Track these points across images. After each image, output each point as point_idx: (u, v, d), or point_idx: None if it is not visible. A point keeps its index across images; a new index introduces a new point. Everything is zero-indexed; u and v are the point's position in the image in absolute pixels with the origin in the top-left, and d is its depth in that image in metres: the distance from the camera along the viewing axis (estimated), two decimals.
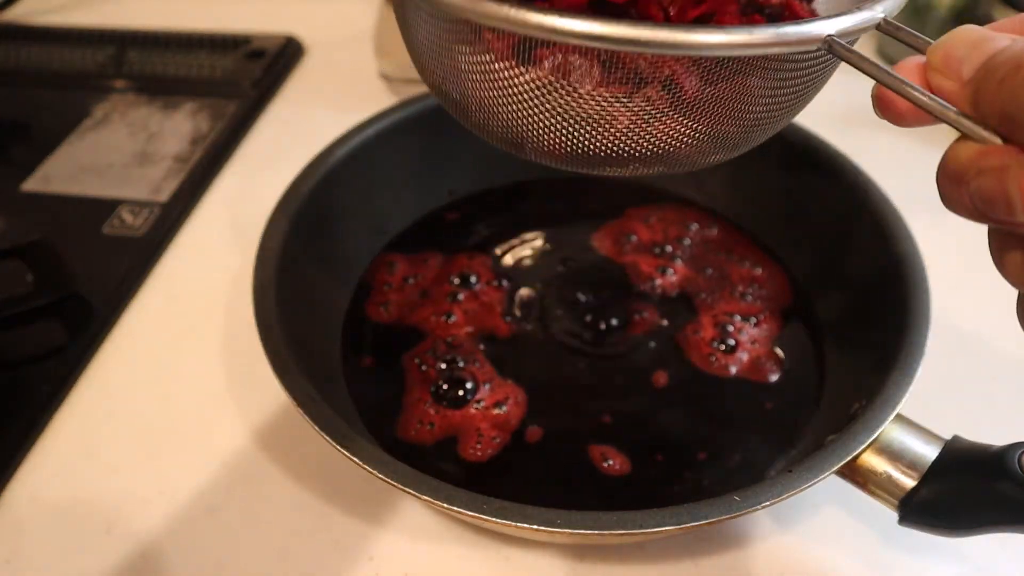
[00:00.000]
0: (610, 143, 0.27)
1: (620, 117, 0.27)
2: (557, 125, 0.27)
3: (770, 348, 0.44)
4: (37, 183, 0.58)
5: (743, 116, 0.28)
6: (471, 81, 0.28)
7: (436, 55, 0.29)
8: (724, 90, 0.26)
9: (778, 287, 0.47)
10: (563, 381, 0.43)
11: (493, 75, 0.27)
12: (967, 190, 0.21)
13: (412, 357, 0.44)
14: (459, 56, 0.27)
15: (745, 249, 0.49)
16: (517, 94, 0.27)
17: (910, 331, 0.36)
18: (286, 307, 0.39)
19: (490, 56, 0.26)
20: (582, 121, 0.27)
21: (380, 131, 0.48)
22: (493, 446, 0.40)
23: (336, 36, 0.74)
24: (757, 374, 0.43)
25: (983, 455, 0.31)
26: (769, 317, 0.45)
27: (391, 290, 0.47)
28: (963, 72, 0.21)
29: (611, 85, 0.26)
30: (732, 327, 0.44)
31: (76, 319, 0.48)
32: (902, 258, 0.40)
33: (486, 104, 0.28)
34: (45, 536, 0.39)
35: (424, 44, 0.29)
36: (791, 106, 0.29)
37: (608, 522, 0.30)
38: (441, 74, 0.29)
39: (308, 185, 0.44)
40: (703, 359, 0.43)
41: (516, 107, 0.27)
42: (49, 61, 0.71)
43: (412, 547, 0.38)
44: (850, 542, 0.38)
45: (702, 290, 0.47)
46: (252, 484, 0.40)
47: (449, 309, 0.46)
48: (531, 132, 0.28)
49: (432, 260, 0.49)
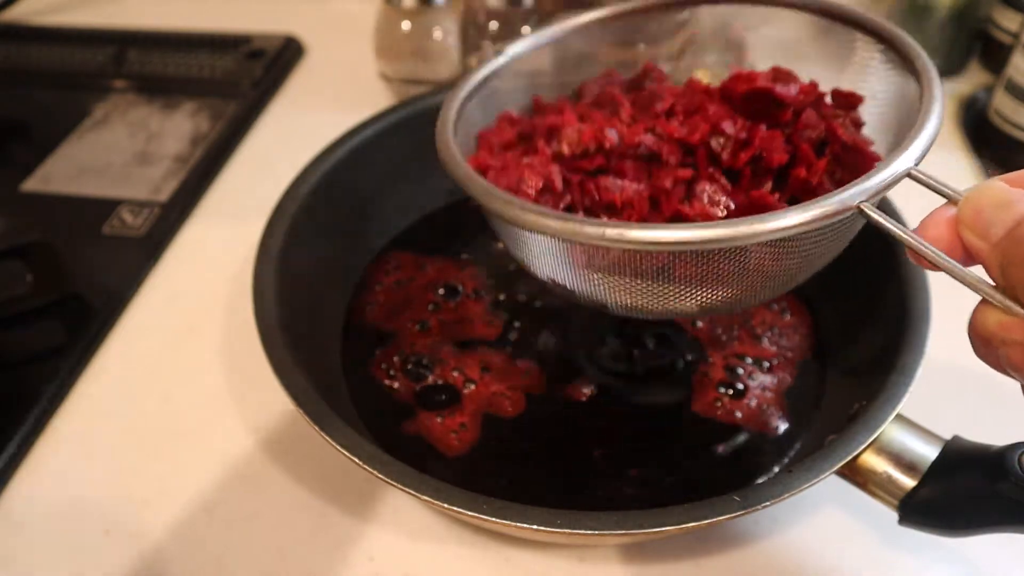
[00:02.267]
0: (676, 306, 0.31)
1: (684, 290, 0.30)
2: (633, 299, 0.31)
3: (780, 397, 0.41)
4: (37, 183, 0.58)
5: (788, 267, 0.30)
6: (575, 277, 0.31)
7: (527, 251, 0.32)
8: (774, 254, 0.29)
9: (801, 337, 0.44)
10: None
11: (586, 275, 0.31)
12: (995, 352, 0.22)
13: (379, 362, 0.43)
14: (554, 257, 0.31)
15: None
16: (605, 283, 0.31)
17: (910, 331, 0.36)
18: (286, 307, 0.39)
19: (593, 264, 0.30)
20: (654, 293, 0.30)
21: (380, 131, 0.48)
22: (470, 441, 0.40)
23: (336, 36, 0.74)
24: (759, 423, 0.40)
25: (983, 455, 0.31)
26: (784, 365, 0.43)
27: (382, 289, 0.47)
28: (991, 234, 0.22)
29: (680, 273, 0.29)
30: (742, 370, 0.42)
31: (76, 319, 0.48)
32: (902, 258, 0.40)
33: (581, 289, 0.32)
34: (45, 536, 0.39)
35: (505, 233, 0.33)
36: (832, 249, 0.32)
37: (608, 522, 0.30)
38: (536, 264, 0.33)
39: (308, 185, 0.44)
40: (708, 405, 0.41)
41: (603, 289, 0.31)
42: (49, 61, 0.71)
43: (412, 547, 0.38)
44: (850, 542, 0.38)
45: (719, 326, 0.44)
46: (252, 484, 0.40)
47: (427, 318, 0.45)
48: (613, 301, 0.32)
49: (428, 265, 0.49)
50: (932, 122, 0.28)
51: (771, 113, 0.33)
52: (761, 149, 0.32)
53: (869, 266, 0.42)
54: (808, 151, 0.32)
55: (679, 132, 0.33)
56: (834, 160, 0.32)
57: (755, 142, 0.32)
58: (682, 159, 0.33)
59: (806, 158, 0.32)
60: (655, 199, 0.32)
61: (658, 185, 0.32)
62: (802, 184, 0.32)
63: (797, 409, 0.41)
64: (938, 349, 0.37)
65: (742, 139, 0.33)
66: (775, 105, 0.33)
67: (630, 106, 0.35)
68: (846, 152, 0.32)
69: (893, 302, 0.39)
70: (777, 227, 0.26)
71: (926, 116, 0.29)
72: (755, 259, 0.28)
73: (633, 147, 0.33)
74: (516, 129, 0.35)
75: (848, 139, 0.32)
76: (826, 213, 0.26)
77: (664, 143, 0.33)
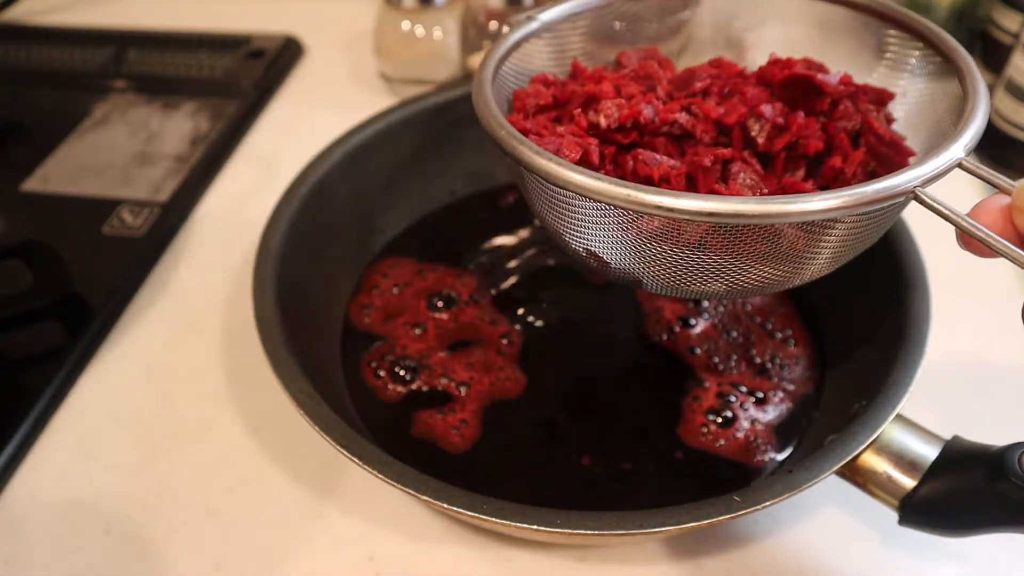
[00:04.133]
0: (706, 286, 0.31)
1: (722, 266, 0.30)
2: (671, 274, 0.31)
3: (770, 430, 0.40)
4: (37, 183, 0.58)
5: (829, 250, 0.30)
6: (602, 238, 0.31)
7: (560, 214, 0.31)
8: (815, 236, 0.29)
9: (804, 369, 0.43)
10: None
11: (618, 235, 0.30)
12: None
13: (378, 362, 0.43)
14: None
15: (786, 320, 0.45)
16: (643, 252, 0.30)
17: (910, 331, 0.36)
18: (286, 307, 0.39)
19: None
20: (693, 271, 0.30)
21: (380, 131, 0.48)
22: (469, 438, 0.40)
23: (336, 36, 0.74)
24: (746, 455, 0.39)
25: (983, 455, 0.31)
26: (781, 398, 0.41)
27: (381, 290, 0.47)
28: None
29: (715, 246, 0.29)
30: (735, 398, 0.41)
31: (76, 319, 0.48)
32: (902, 258, 0.40)
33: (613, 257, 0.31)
34: (45, 536, 0.39)
35: (543, 199, 0.32)
36: (870, 236, 0.31)
37: (608, 522, 0.30)
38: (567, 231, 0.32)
39: (308, 185, 0.44)
40: (694, 431, 0.40)
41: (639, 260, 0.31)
42: (49, 61, 0.71)
43: (412, 547, 0.38)
44: (850, 542, 0.38)
45: (715, 353, 0.43)
46: (252, 484, 0.40)
47: (425, 321, 0.45)
48: (649, 277, 0.32)
49: (427, 271, 0.48)
50: (981, 111, 0.29)
51: (807, 101, 0.33)
52: (798, 136, 0.32)
53: (869, 266, 0.42)
54: (845, 141, 0.32)
55: (716, 112, 0.32)
56: (869, 152, 0.32)
57: (792, 128, 0.32)
58: (716, 140, 0.33)
59: (842, 148, 0.32)
60: (691, 177, 0.31)
61: (697, 162, 0.31)
62: (836, 174, 0.32)
63: (788, 443, 0.40)
64: (938, 349, 0.37)
65: (779, 124, 0.32)
66: (814, 93, 0.33)
67: (667, 83, 0.35)
68: (881, 145, 0.32)
69: (893, 303, 0.39)
70: (833, 206, 0.26)
71: (974, 107, 0.29)
72: (790, 241, 0.28)
73: (667, 124, 0.32)
74: (552, 91, 0.35)
75: (884, 132, 0.32)
76: (881, 195, 0.26)
77: (699, 122, 0.32)
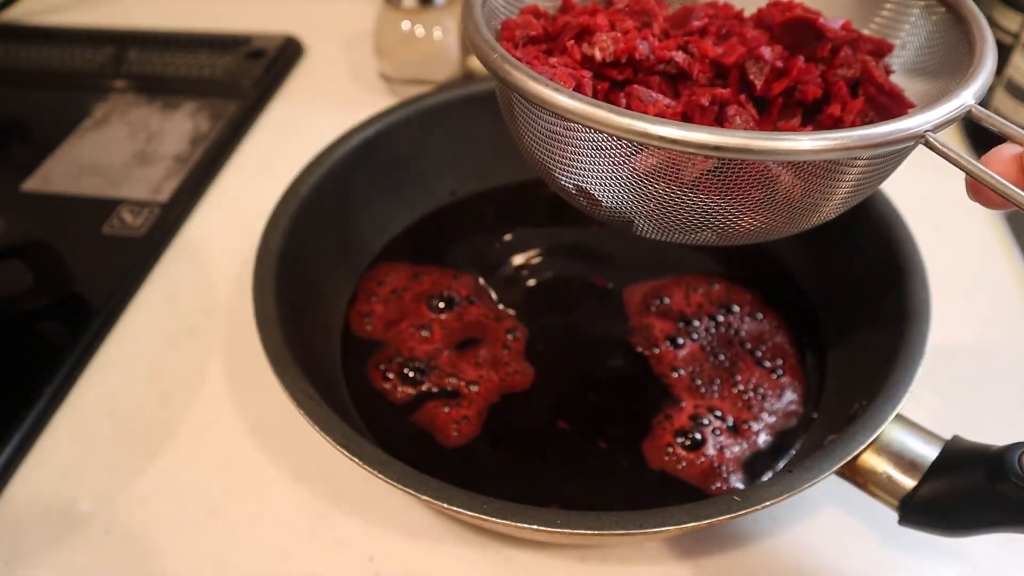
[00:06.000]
0: (704, 228, 0.30)
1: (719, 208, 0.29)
2: (666, 215, 0.30)
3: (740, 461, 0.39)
4: (37, 183, 0.58)
5: (829, 198, 0.29)
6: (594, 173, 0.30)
7: (550, 149, 0.30)
8: (816, 181, 0.28)
9: (789, 403, 0.41)
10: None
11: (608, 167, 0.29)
12: None
13: (378, 362, 0.43)
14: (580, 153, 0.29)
15: (779, 351, 0.43)
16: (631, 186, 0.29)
17: (910, 331, 0.36)
18: (286, 307, 0.39)
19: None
20: (687, 211, 0.29)
21: (380, 131, 0.48)
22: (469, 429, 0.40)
23: (336, 36, 0.74)
24: (704, 480, 0.38)
25: (983, 455, 0.31)
26: (761, 429, 0.40)
27: (377, 300, 0.47)
28: None
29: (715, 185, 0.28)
30: (708, 422, 0.40)
31: (76, 319, 0.48)
32: (902, 258, 0.40)
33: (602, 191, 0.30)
34: (45, 536, 0.39)
35: (534, 131, 0.31)
36: (872, 183, 0.30)
37: (608, 522, 0.30)
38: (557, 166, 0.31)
39: (308, 185, 0.44)
40: (659, 449, 0.39)
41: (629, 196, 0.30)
42: (49, 61, 0.71)
43: (412, 547, 0.38)
44: (850, 542, 0.38)
45: (699, 376, 0.42)
46: (252, 484, 0.40)
47: (428, 322, 0.45)
48: (640, 216, 0.31)
49: (424, 274, 0.48)
50: (989, 58, 0.28)
51: (807, 46, 0.32)
52: (797, 81, 0.31)
53: (870, 266, 0.42)
54: (844, 89, 0.31)
55: (714, 52, 0.31)
56: (868, 102, 0.31)
57: (792, 72, 0.31)
58: (711, 81, 0.32)
59: (841, 96, 0.31)
60: (687, 116, 0.30)
61: (694, 101, 0.30)
62: (834, 123, 0.31)
63: (754, 476, 0.38)
64: (938, 349, 0.37)
65: (779, 68, 0.31)
66: (814, 37, 0.32)
67: (663, 20, 0.34)
68: (880, 94, 0.31)
69: (893, 303, 0.39)
70: (844, 144, 0.25)
71: (983, 54, 0.29)
72: (788, 186, 0.28)
73: (663, 62, 0.31)
74: (542, 23, 0.34)
75: (884, 82, 0.31)
76: (894, 136, 0.25)
77: (696, 62, 0.31)
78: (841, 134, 0.25)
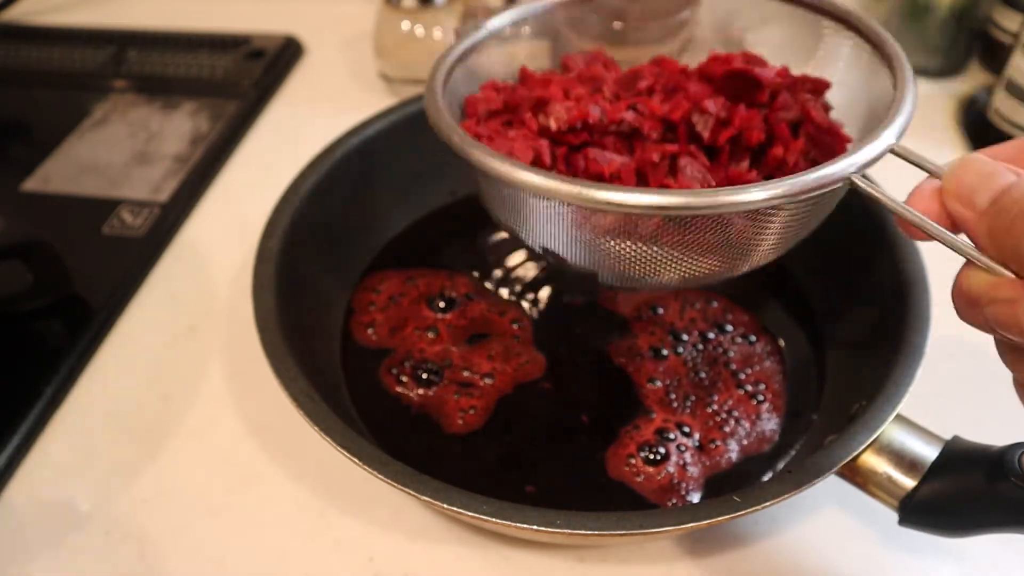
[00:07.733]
0: (659, 278, 0.32)
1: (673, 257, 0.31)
2: (625, 267, 0.32)
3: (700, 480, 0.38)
4: (37, 183, 0.58)
5: (771, 239, 0.31)
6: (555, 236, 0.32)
7: (513, 210, 0.32)
8: (759, 224, 0.29)
9: (764, 428, 0.40)
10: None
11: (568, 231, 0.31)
12: (981, 312, 0.23)
13: (378, 362, 0.43)
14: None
15: (764, 376, 0.42)
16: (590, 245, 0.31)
17: (910, 331, 0.36)
18: (286, 307, 0.39)
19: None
20: (645, 263, 0.31)
21: (380, 131, 0.48)
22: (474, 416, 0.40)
23: (336, 36, 0.74)
24: (661, 496, 0.37)
25: (983, 455, 0.31)
26: (730, 450, 0.39)
27: (376, 309, 0.46)
28: (976, 202, 0.23)
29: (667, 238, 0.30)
30: (675, 437, 0.39)
31: (76, 319, 0.48)
32: (903, 258, 0.40)
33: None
34: (45, 536, 0.39)
35: (499, 200, 0.33)
36: (811, 221, 0.32)
37: (608, 522, 0.30)
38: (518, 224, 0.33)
39: (308, 185, 0.44)
40: (620, 458, 0.39)
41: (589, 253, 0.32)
42: (49, 61, 0.71)
43: (412, 547, 0.38)
44: (850, 542, 0.38)
45: (674, 390, 0.41)
46: (252, 484, 0.40)
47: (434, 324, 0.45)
48: (604, 269, 0.32)
49: (415, 277, 0.48)
50: (909, 98, 0.30)
51: (748, 94, 0.34)
52: (741, 128, 0.33)
53: (870, 266, 0.42)
54: (785, 131, 0.33)
55: (661, 109, 0.33)
56: (808, 140, 0.33)
57: (735, 121, 0.33)
58: (663, 136, 0.34)
59: (783, 138, 0.33)
60: (641, 172, 0.32)
61: (645, 158, 0.32)
62: (779, 163, 0.33)
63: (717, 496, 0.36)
64: (938, 349, 0.37)
65: (722, 118, 0.33)
66: (752, 86, 0.34)
67: (613, 83, 0.36)
68: (820, 133, 0.33)
69: (893, 302, 0.39)
70: (775, 194, 0.27)
71: (903, 94, 0.30)
72: (738, 229, 0.29)
73: (616, 123, 0.33)
74: (502, 97, 0.36)
75: (822, 121, 0.33)
76: (820, 182, 0.27)
77: (646, 119, 0.33)
78: (771, 185, 0.27)
